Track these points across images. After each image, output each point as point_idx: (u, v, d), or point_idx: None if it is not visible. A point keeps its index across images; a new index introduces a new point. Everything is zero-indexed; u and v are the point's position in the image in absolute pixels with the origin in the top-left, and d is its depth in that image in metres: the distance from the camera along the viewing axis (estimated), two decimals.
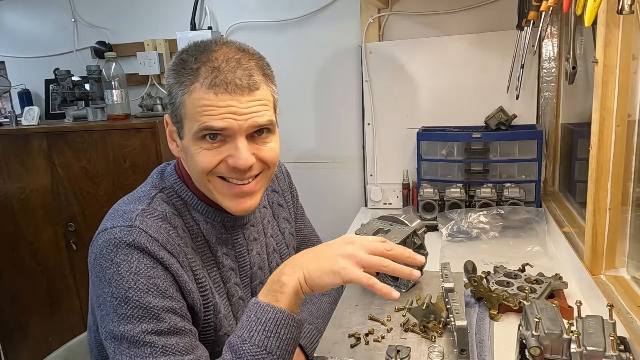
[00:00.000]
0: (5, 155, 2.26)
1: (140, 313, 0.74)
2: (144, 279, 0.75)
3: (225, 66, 0.79)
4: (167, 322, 0.75)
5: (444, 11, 1.94)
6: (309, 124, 2.23)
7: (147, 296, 0.75)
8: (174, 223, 0.84)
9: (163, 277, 0.77)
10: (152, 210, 0.83)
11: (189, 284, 0.80)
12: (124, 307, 0.75)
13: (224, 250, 0.92)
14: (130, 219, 0.80)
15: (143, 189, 0.90)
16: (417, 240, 1.07)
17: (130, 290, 0.75)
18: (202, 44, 0.83)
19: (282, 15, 2.16)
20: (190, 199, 0.89)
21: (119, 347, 0.75)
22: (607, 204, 1.14)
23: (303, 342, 0.93)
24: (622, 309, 1.00)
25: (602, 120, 1.10)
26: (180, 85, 0.80)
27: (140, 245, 0.77)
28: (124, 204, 0.86)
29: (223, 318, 0.87)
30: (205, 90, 0.78)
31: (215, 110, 0.78)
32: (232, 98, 0.78)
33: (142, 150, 2.08)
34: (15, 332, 2.48)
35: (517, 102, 1.80)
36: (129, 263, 0.76)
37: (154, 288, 0.76)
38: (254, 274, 0.97)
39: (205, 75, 0.78)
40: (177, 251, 0.81)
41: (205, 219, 0.90)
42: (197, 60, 0.80)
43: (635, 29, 1.04)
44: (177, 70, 0.81)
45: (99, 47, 2.40)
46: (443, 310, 0.91)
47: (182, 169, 0.91)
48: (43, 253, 2.33)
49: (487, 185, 1.74)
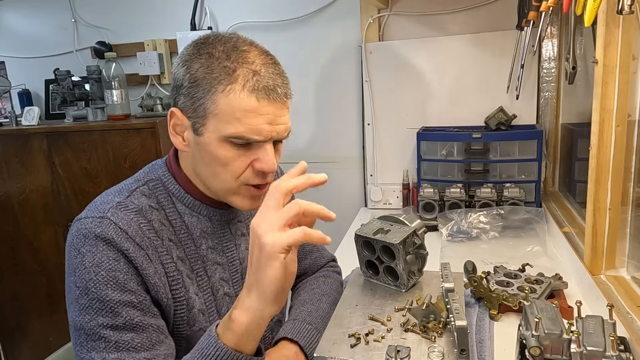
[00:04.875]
0: (5, 155, 2.26)
1: (98, 305, 0.75)
2: (105, 272, 0.76)
3: (265, 71, 0.78)
4: (124, 317, 0.76)
5: (444, 11, 1.94)
6: (309, 124, 2.24)
7: (105, 289, 0.75)
8: (150, 217, 0.84)
9: (124, 271, 0.77)
10: (128, 202, 0.84)
11: (153, 278, 0.80)
12: (84, 298, 0.76)
13: (209, 244, 0.91)
14: (104, 211, 0.80)
15: (127, 181, 0.90)
16: (417, 240, 1.07)
17: (90, 282, 0.76)
18: (228, 40, 0.80)
19: (282, 15, 2.16)
20: (176, 192, 0.89)
21: (78, 338, 0.77)
22: (607, 204, 1.14)
23: (303, 342, 0.93)
24: (622, 309, 1.00)
25: (602, 120, 1.10)
26: (213, 81, 0.78)
27: (107, 236, 0.77)
28: (104, 196, 0.87)
29: (198, 313, 0.87)
30: (247, 94, 0.77)
31: (254, 118, 0.78)
32: (271, 105, 0.79)
33: (142, 150, 2.08)
34: (15, 332, 2.48)
35: (517, 102, 1.80)
36: (92, 254, 0.76)
37: (113, 281, 0.76)
38: (244, 270, 0.95)
39: (246, 78, 0.77)
40: (147, 244, 0.81)
41: (191, 212, 0.89)
42: (230, 58, 0.78)
43: (635, 29, 1.04)
44: (206, 65, 0.78)
45: (99, 47, 2.40)
46: (443, 310, 0.91)
47: (172, 162, 0.91)
48: (43, 253, 2.33)
49: (487, 185, 1.74)
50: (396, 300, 1.02)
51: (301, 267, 1.17)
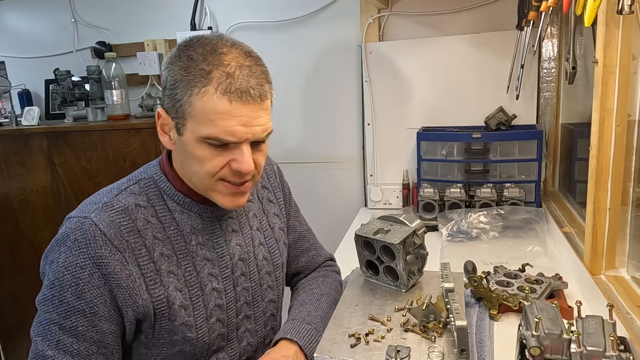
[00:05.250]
0: (5, 155, 2.26)
1: (56, 303, 0.82)
2: (70, 276, 0.81)
3: (239, 73, 0.80)
4: (72, 321, 0.82)
5: (443, 11, 1.94)
6: (309, 124, 2.23)
7: (65, 291, 0.81)
8: (135, 216, 0.87)
9: (87, 280, 0.81)
10: (115, 202, 0.88)
11: (125, 281, 0.83)
12: (49, 290, 0.83)
13: (199, 240, 0.93)
14: (89, 211, 0.86)
15: (121, 181, 0.95)
16: (417, 240, 1.07)
17: (56, 280, 0.82)
18: (208, 42, 0.82)
19: (282, 15, 2.16)
20: (167, 189, 0.92)
21: (37, 317, 0.84)
22: (607, 204, 1.14)
23: (302, 342, 0.93)
24: (622, 309, 1.00)
25: (602, 120, 1.10)
26: (189, 83, 0.80)
27: (85, 240, 0.82)
28: (95, 195, 0.92)
29: (179, 308, 0.89)
30: (219, 97, 0.79)
31: (228, 120, 0.79)
32: (245, 107, 0.80)
33: (142, 150, 2.08)
34: (15, 332, 2.48)
35: (517, 102, 1.80)
36: (66, 256, 0.82)
37: (74, 287, 0.81)
38: (235, 265, 0.97)
39: (220, 81, 0.79)
40: (124, 247, 0.84)
41: (182, 209, 0.92)
42: (207, 60, 0.80)
43: (635, 29, 1.04)
44: (184, 68, 0.81)
45: (99, 47, 2.40)
46: (443, 310, 0.91)
47: (165, 161, 0.94)
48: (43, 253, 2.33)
49: (487, 185, 1.74)
50: (396, 300, 1.02)
51: (298, 265, 1.18)
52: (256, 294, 1.02)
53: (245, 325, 1.00)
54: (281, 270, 1.09)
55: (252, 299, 1.01)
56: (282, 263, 1.09)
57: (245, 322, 1.00)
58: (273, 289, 1.06)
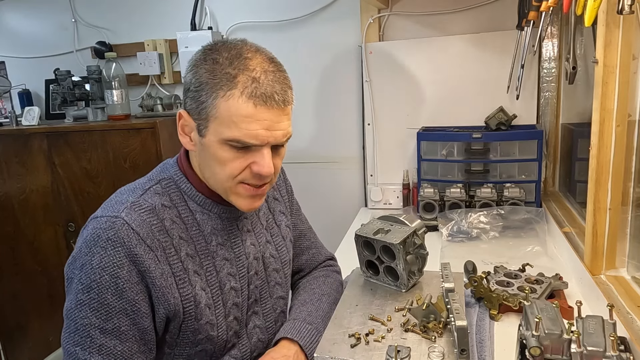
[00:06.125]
0: (5, 155, 2.26)
1: (95, 306, 0.80)
2: (108, 276, 0.80)
3: (264, 78, 0.81)
4: (114, 322, 0.81)
5: (444, 11, 1.94)
6: (309, 124, 2.23)
7: (106, 293, 0.80)
8: (162, 215, 0.88)
9: (126, 278, 0.81)
10: (142, 202, 0.87)
11: (159, 280, 0.83)
12: (84, 294, 0.80)
13: (218, 240, 0.94)
14: (118, 210, 0.84)
15: (141, 180, 0.94)
16: (417, 240, 1.07)
17: (94, 282, 0.80)
18: (233, 47, 0.84)
19: (282, 15, 2.16)
20: (188, 190, 0.93)
21: (68, 328, 0.82)
22: (607, 204, 1.14)
23: (303, 342, 0.93)
24: (622, 309, 1.00)
25: (602, 120, 1.10)
26: (215, 86, 0.81)
27: (119, 239, 0.81)
28: (119, 194, 0.90)
29: (205, 307, 0.90)
30: (245, 100, 0.80)
31: (251, 123, 0.81)
32: (269, 111, 0.81)
33: (142, 150, 2.08)
34: (15, 332, 2.48)
35: (517, 102, 1.80)
36: (100, 256, 0.80)
37: (114, 287, 0.80)
38: (250, 264, 0.99)
39: (245, 85, 0.80)
40: (156, 246, 0.84)
41: (202, 210, 0.93)
42: (232, 64, 0.81)
43: (635, 29, 1.04)
44: (210, 71, 0.82)
45: (99, 47, 2.40)
46: (443, 310, 0.91)
47: (183, 161, 0.94)
48: (43, 253, 2.33)
49: (487, 185, 1.74)
50: (396, 300, 1.02)
51: (299, 263, 1.18)
52: (264, 291, 1.03)
53: (253, 321, 1.01)
54: (289, 267, 1.10)
55: (259, 296, 1.02)
56: (289, 260, 1.11)
57: (253, 318, 1.01)
58: (282, 286, 1.07)
